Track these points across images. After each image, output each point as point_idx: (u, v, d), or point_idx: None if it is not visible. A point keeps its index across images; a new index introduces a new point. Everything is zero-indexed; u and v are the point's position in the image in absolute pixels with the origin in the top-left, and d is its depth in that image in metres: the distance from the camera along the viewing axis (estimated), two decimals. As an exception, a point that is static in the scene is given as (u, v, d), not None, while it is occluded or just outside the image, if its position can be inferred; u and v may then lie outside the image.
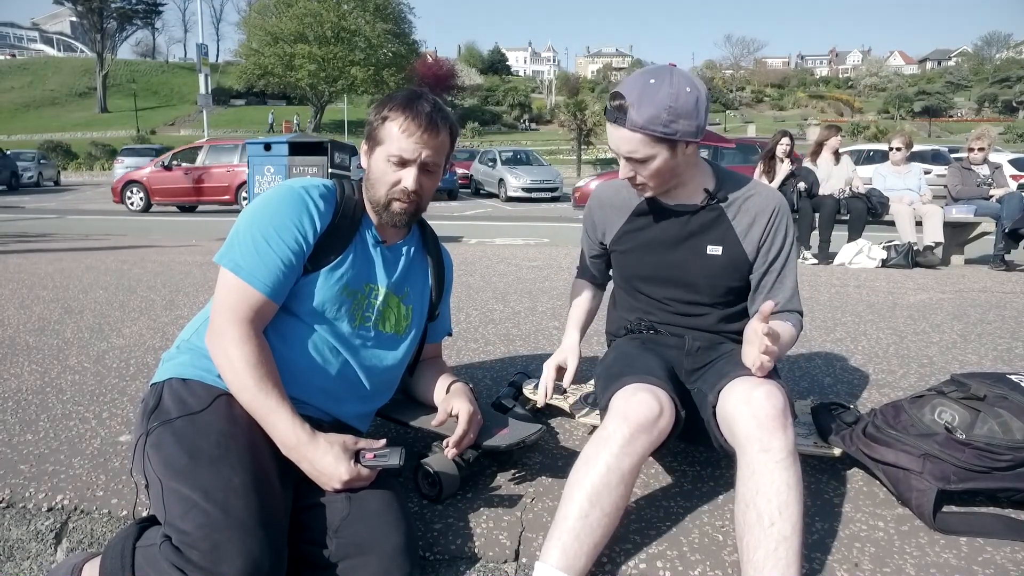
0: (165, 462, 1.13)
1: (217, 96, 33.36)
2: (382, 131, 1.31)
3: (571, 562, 1.13)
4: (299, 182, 1.33)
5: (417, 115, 1.29)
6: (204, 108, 18.85)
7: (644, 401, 1.24)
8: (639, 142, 1.32)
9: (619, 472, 1.19)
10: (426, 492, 1.44)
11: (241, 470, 1.10)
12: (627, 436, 1.20)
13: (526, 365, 2.40)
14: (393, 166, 1.31)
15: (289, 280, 1.28)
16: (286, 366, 1.27)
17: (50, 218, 11.27)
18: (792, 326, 1.46)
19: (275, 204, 1.29)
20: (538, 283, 4.26)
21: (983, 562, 1.26)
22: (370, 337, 1.40)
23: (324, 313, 1.32)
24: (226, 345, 1.21)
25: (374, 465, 1.20)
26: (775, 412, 1.19)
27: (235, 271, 1.24)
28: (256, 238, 1.25)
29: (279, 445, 1.20)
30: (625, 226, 1.57)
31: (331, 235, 1.33)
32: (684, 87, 1.29)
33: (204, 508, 1.03)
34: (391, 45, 39.53)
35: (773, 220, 1.46)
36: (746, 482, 1.17)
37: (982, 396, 1.44)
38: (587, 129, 29.52)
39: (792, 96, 70.22)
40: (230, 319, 1.22)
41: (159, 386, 1.28)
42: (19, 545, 1.42)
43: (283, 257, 1.25)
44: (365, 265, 1.38)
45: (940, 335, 2.99)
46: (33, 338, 2.76)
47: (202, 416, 1.20)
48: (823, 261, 5.56)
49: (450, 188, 17.55)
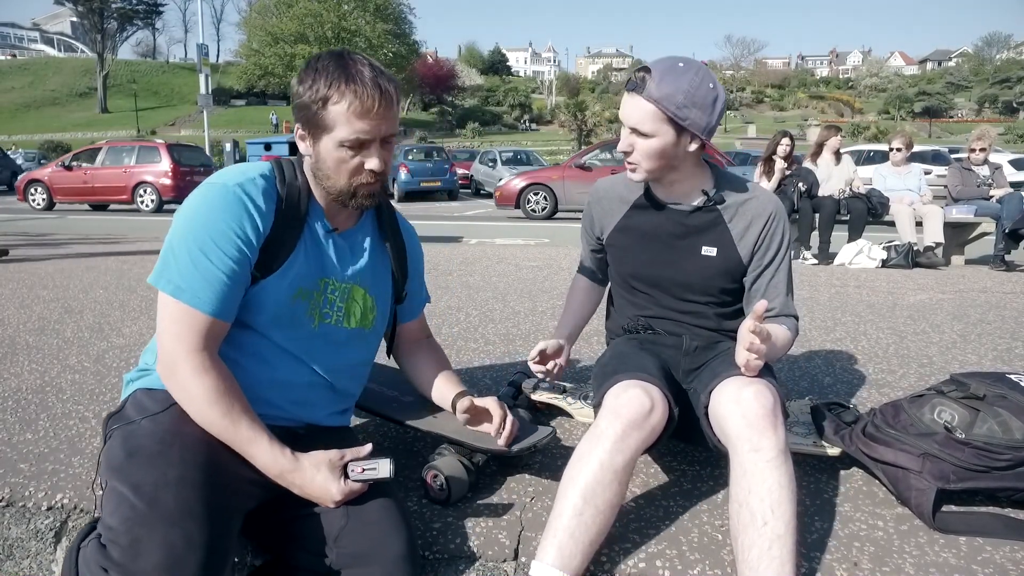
0: (108, 463, 1.10)
1: (217, 96, 33.32)
2: (325, 116, 1.14)
3: (567, 560, 1.13)
4: (232, 178, 1.17)
5: (363, 89, 1.12)
6: (204, 108, 18.85)
7: (635, 397, 1.24)
8: (649, 114, 1.33)
9: (612, 469, 1.19)
10: (435, 496, 1.42)
11: (179, 463, 1.04)
12: (619, 433, 1.21)
13: (526, 365, 2.40)
14: (349, 151, 1.16)
15: (237, 294, 1.16)
16: (249, 383, 1.18)
17: (50, 218, 11.26)
18: (787, 329, 1.45)
19: (209, 210, 1.13)
20: (538, 283, 4.26)
21: (982, 561, 1.26)
22: (334, 336, 1.30)
23: (280, 320, 1.22)
24: (183, 381, 1.11)
25: (364, 479, 1.16)
26: (764, 412, 1.19)
27: (176, 295, 1.11)
28: (193, 252, 1.11)
29: (264, 472, 1.13)
30: (622, 221, 1.58)
31: (276, 235, 1.19)
32: (708, 82, 1.32)
33: (131, 502, 0.98)
34: (391, 45, 39.54)
35: (769, 225, 1.46)
36: (738, 482, 1.17)
37: (982, 396, 1.44)
38: (587, 129, 29.58)
39: (792, 97, 70.27)
40: (181, 351, 1.11)
41: (125, 399, 1.23)
42: (19, 544, 1.42)
43: (226, 270, 1.12)
44: (318, 260, 1.26)
45: (940, 335, 2.99)
46: (33, 337, 2.76)
47: (157, 417, 1.14)
48: (823, 261, 5.56)
49: (450, 188, 17.55)
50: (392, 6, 40.56)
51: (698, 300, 1.53)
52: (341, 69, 1.13)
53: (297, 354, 1.25)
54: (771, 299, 1.47)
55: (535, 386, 1.92)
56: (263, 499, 1.17)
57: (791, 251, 1.50)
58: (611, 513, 1.19)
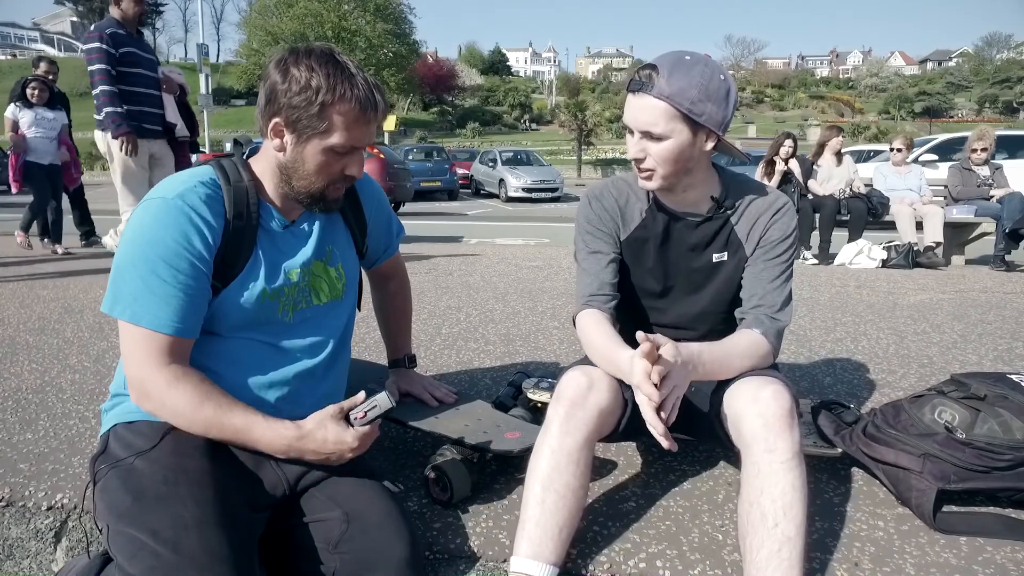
0: (110, 506, 1.05)
1: (218, 96, 33.34)
2: (320, 122, 1.11)
3: (538, 549, 1.15)
4: (171, 190, 1.12)
5: (364, 96, 1.12)
6: (205, 108, 18.84)
7: (573, 379, 1.25)
8: (661, 113, 1.22)
9: (564, 452, 1.20)
10: (436, 496, 1.42)
11: (192, 504, 1.01)
12: (563, 416, 1.22)
13: (526, 365, 2.40)
14: (335, 156, 1.16)
15: (198, 308, 1.13)
16: (235, 394, 1.15)
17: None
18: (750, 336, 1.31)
19: (154, 228, 1.09)
20: (538, 283, 4.26)
21: (983, 562, 1.26)
22: (307, 317, 1.27)
23: (250, 323, 1.20)
24: (161, 398, 1.09)
25: (370, 420, 1.16)
26: (782, 412, 1.17)
27: (135, 321, 1.08)
28: (145, 276, 1.08)
29: (271, 453, 1.13)
30: (637, 231, 1.44)
31: (229, 243, 1.15)
32: (718, 74, 1.24)
33: (153, 549, 0.95)
34: (391, 45, 39.50)
35: (773, 216, 1.39)
36: (751, 482, 1.16)
37: (982, 396, 1.44)
38: (587, 129, 29.52)
39: (793, 97, 70.18)
40: (148, 373, 1.09)
41: (105, 435, 1.18)
42: (19, 544, 1.42)
43: (183, 288, 1.09)
44: (278, 257, 1.22)
45: (940, 335, 2.98)
46: (33, 337, 2.76)
47: (150, 454, 1.09)
48: (823, 261, 5.56)
49: (450, 188, 17.54)
50: (392, 6, 40.50)
51: (710, 306, 1.47)
52: (339, 73, 1.11)
53: (275, 348, 1.24)
54: (755, 289, 1.38)
55: (535, 386, 1.92)
56: (268, 519, 1.16)
57: (794, 250, 1.43)
58: (573, 497, 1.19)
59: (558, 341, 2.76)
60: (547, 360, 2.49)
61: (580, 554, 1.27)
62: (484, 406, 1.69)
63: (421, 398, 1.67)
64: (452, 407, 1.66)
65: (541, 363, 2.45)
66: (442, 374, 2.31)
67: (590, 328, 1.35)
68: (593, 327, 1.35)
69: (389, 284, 1.67)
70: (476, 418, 1.61)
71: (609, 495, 1.49)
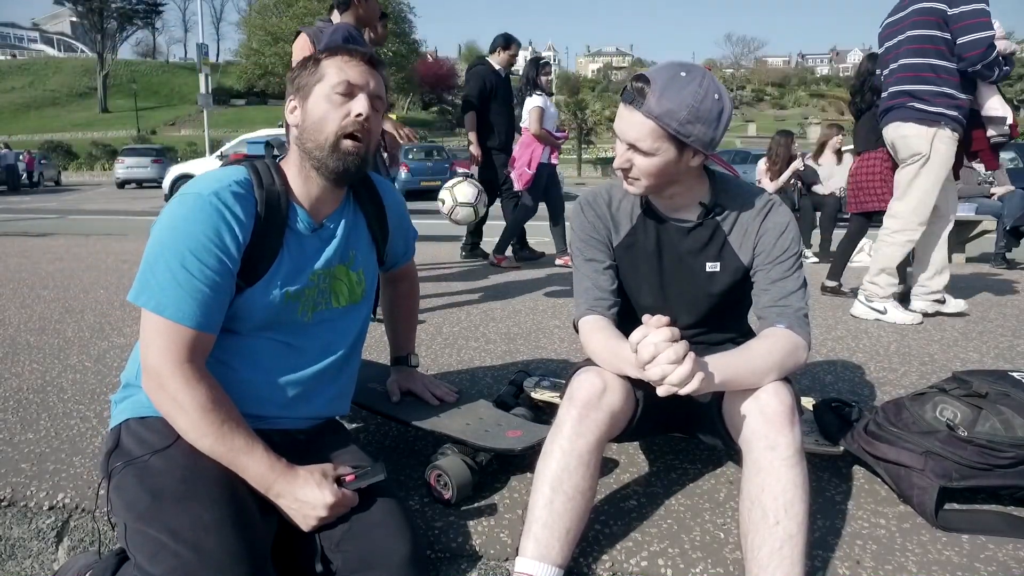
0: (128, 505, 1.05)
1: (217, 96, 33.29)
2: (317, 73, 1.21)
3: (544, 551, 1.14)
4: (207, 187, 1.14)
5: (353, 48, 1.24)
6: (204, 108, 18.83)
7: (587, 380, 1.24)
8: (649, 132, 1.22)
9: (575, 454, 1.19)
10: (438, 496, 1.42)
11: (211, 505, 1.01)
12: (576, 417, 1.21)
13: (527, 363, 2.40)
14: (339, 97, 1.19)
15: (222, 305, 1.14)
16: (245, 386, 1.18)
17: (51, 218, 11.26)
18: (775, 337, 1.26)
19: (187, 222, 1.11)
20: (538, 282, 4.26)
21: (985, 559, 1.26)
22: (325, 319, 1.29)
23: (271, 323, 1.22)
24: (173, 392, 1.08)
25: (358, 485, 1.15)
26: (783, 409, 1.17)
27: (159, 311, 1.09)
28: (173, 267, 1.09)
29: (255, 486, 1.11)
30: (627, 238, 1.44)
31: (257, 243, 1.17)
32: (713, 93, 1.21)
33: (173, 549, 0.96)
34: (391, 45, 39.52)
35: (763, 223, 1.37)
36: (752, 479, 1.16)
37: (984, 393, 1.44)
38: (587, 129, 29.54)
39: (793, 95, 70.16)
40: (167, 364, 1.09)
41: (116, 429, 1.18)
42: (20, 544, 1.42)
43: (209, 283, 1.10)
44: (303, 260, 1.24)
45: (941, 333, 2.98)
46: (34, 337, 2.76)
47: (166, 452, 1.10)
48: (825, 260, 5.56)
49: (451, 188, 17.52)
50: (392, 5, 40.55)
51: (705, 314, 1.46)
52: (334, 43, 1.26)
53: (292, 345, 1.25)
54: (766, 287, 1.36)
55: (536, 385, 1.92)
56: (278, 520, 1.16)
57: (796, 240, 1.38)
58: (582, 499, 1.19)
59: (559, 340, 2.76)
60: (548, 359, 2.49)
61: (582, 552, 1.27)
62: (485, 405, 1.69)
63: (422, 397, 1.67)
64: (453, 406, 1.66)
65: (542, 362, 2.45)
66: (443, 373, 2.31)
67: (592, 333, 1.35)
68: (595, 332, 1.35)
69: (401, 285, 1.68)
70: (477, 417, 1.61)
71: (611, 494, 1.49)
